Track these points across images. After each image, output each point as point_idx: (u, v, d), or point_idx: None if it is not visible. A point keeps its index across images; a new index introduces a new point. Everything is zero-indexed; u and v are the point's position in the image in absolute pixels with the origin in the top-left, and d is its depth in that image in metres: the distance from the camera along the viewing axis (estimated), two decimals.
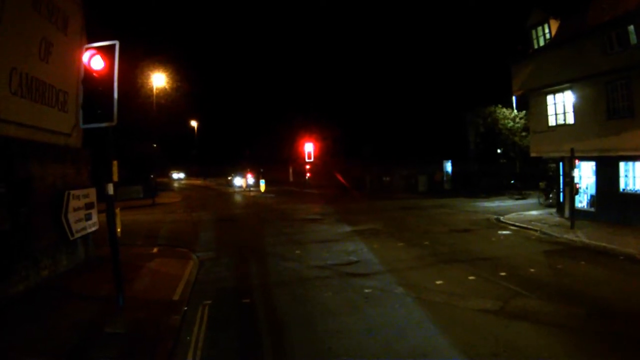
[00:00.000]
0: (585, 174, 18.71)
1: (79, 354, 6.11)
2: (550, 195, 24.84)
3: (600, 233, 14.96)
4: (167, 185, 52.21)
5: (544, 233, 15.79)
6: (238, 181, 53.84)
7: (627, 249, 12.43)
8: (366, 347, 6.55)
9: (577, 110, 18.70)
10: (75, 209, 10.29)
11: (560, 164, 20.00)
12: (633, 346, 6.38)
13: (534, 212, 21.25)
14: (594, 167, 18.27)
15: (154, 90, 36.29)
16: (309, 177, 47.72)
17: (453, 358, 6.13)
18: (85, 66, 7.82)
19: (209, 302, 8.78)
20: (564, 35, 19.39)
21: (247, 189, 47.72)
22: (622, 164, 16.88)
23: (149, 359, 6.09)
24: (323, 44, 67.39)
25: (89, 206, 11.07)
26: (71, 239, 10.04)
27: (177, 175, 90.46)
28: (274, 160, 60.92)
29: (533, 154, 22.25)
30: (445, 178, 38.94)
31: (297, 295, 9.16)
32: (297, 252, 13.58)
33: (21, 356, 6.01)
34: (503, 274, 10.39)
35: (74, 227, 10.12)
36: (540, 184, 27.75)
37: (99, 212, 11.20)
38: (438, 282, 9.84)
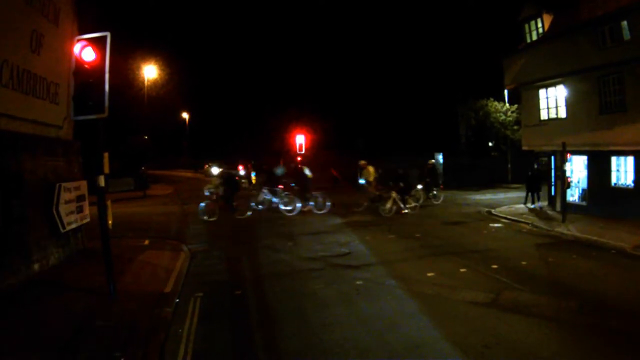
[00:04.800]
0: (577, 168, 18.80)
1: (71, 346, 6.09)
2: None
3: (592, 227, 15.06)
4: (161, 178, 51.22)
5: (536, 226, 15.89)
6: None
7: (618, 242, 12.52)
8: (358, 338, 6.58)
9: (569, 105, 18.75)
10: (67, 202, 10.23)
11: (552, 157, 20.07)
12: (625, 340, 6.44)
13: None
14: (586, 161, 18.37)
15: (146, 82, 36.16)
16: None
17: (445, 349, 6.17)
18: (76, 58, 7.76)
19: (200, 294, 8.77)
20: (557, 29, 19.37)
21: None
22: (614, 159, 17.00)
23: (141, 351, 6.08)
24: (316, 36, 67.07)
25: (80, 199, 11.00)
26: (62, 231, 9.98)
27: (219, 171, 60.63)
28: (265, 152, 60.56)
29: (525, 148, 22.33)
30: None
31: (289, 287, 9.17)
32: (289, 244, 13.59)
33: (13, 350, 5.97)
34: (495, 266, 10.44)
35: (65, 219, 10.06)
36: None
37: (90, 204, 11.15)
38: (429, 275, 9.89)
